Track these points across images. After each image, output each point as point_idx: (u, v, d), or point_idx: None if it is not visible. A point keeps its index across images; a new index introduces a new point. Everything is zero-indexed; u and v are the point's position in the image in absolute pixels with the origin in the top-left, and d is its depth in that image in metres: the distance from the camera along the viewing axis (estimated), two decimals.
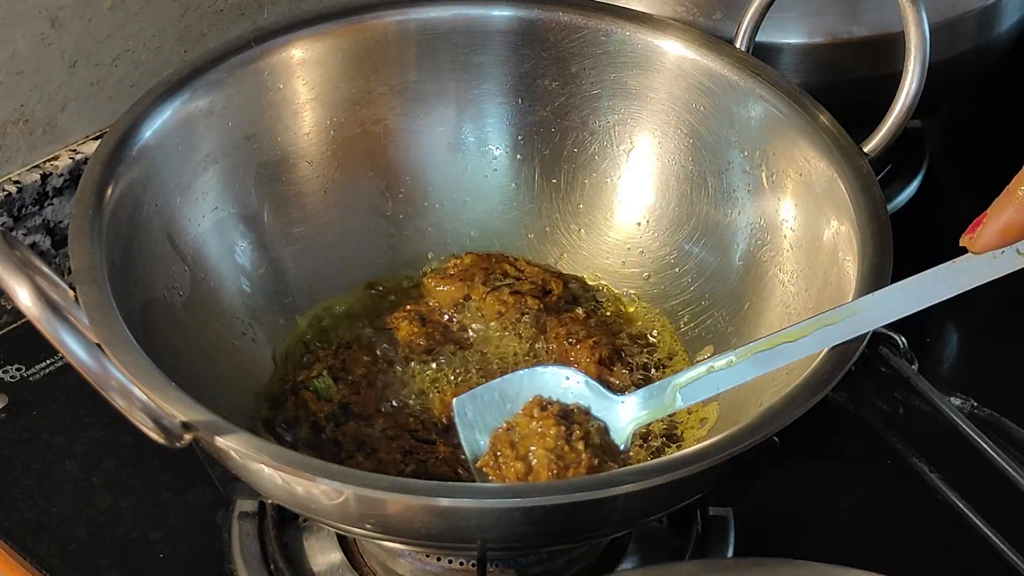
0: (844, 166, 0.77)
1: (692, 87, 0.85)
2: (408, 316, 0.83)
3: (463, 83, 0.88)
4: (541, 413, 0.70)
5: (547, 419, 0.69)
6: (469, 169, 0.89)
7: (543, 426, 0.69)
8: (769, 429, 0.64)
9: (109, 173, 0.74)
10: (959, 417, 0.77)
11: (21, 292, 0.60)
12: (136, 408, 0.61)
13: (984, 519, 0.77)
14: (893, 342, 0.80)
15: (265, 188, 0.84)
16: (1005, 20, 0.93)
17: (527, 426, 0.70)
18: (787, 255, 0.80)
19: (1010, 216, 0.66)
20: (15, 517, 0.80)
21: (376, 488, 0.62)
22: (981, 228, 0.67)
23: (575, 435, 0.69)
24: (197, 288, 0.79)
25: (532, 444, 0.69)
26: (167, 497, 0.81)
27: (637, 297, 0.86)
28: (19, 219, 0.91)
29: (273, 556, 0.77)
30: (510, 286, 0.85)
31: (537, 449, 0.68)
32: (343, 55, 0.85)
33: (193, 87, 0.80)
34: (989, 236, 0.67)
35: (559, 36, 0.87)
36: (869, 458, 0.84)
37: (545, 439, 0.69)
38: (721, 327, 0.83)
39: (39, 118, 0.91)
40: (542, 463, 0.67)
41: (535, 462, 0.68)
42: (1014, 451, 0.77)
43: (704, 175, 0.85)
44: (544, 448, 0.68)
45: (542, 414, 0.70)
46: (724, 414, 0.78)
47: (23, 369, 0.87)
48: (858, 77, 0.89)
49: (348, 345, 0.82)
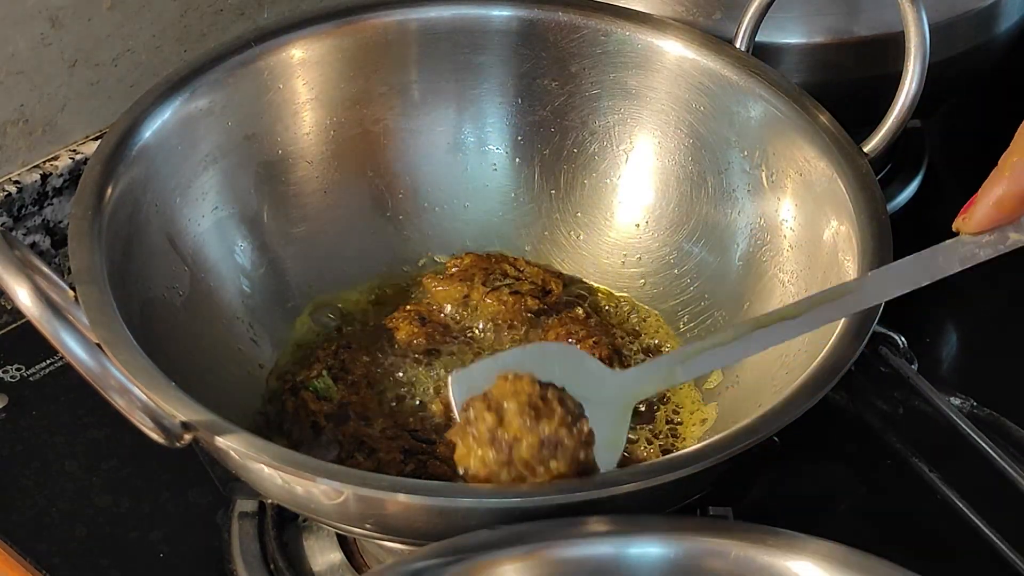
0: (844, 166, 0.77)
1: (692, 87, 0.85)
2: (408, 316, 0.83)
3: (463, 83, 0.88)
4: (516, 376, 0.68)
5: (521, 379, 0.68)
6: (469, 169, 0.89)
7: (517, 385, 0.67)
8: (769, 429, 0.64)
9: (109, 173, 0.74)
10: (959, 417, 0.77)
11: (21, 292, 0.60)
12: (136, 408, 0.61)
13: (984, 519, 0.77)
14: (893, 342, 0.80)
15: (265, 188, 0.84)
16: (1004, 20, 0.93)
17: (502, 387, 0.68)
18: (787, 255, 0.80)
19: (1002, 189, 0.65)
20: (15, 517, 0.80)
21: (376, 488, 0.62)
22: (973, 207, 0.67)
23: (550, 393, 0.67)
24: (197, 288, 0.79)
25: (505, 400, 0.67)
26: (167, 497, 0.81)
27: (637, 297, 0.86)
28: (19, 219, 0.91)
29: (273, 556, 0.77)
30: (510, 286, 0.85)
31: (510, 403, 0.67)
32: (343, 55, 0.85)
33: (193, 87, 0.80)
34: (983, 212, 0.66)
35: (559, 36, 0.87)
36: (869, 458, 0.84)
37: (519, 395, 0.67)
38: (721, 327, 0.82)
39: (39, 118, 0.91)
40: (513, 413, 0.66)
41: (507, 414, 0.66)
42: (1014, 451, 0.77)
43: (704, 175, 0.85)
44: (517, 401, 0.66)
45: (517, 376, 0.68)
46: (724, 414, 0.78)
47: (23, 369, 0.87)
48: (858, 77, 0.89)
49: (348, 345, 0.82)
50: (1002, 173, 0.65)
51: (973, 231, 0.67)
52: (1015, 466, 0.74)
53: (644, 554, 0.62)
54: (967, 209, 0.67)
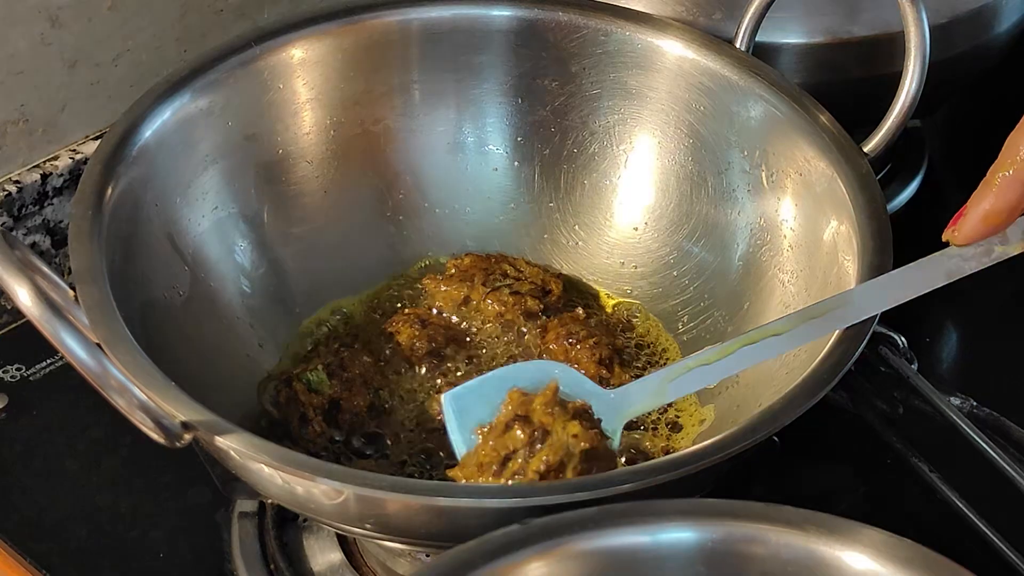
0: (844, 166, 0.77)
1: (692, 87, 0.85)
2: (408, 319, 0.83)
3: (463, 83, 0.88)
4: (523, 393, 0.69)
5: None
6: (469, 169, 0.89)
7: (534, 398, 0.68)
8: (769, 429, 0.64)
9: (109, 173, 0.74)
10: (959, 417, 0.77)
11: (21, 292, 0.60)
12: (136, 408, 0.61)
13: (984, 519, 0.77)
14: (893, 342, 0.80)
15: (265, 188, 0.84)
16: (1004, 20, 0.93)
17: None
18: (787, 255, 0.80)
19: (990, 203, 0.66)
20: (15, 517, 0.80)
21: (376, 488, 0.62)
22: (962, 220, 0.67)
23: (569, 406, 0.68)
24: (197, 288, 0.79)
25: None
26: (167, 497, 0.81)
27: (637, 297, 0.86)
28: (19, 219, 0.91)
29: (273, 556, 0.77)
30: (510, 287, 0.85)
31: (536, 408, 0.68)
32: (343, 55, 0.85)
33: (193, 87, 0.80)
34: (971, 226, 0.67)
35: (559, 36, 0.87)
36: (869, 458, 0.84)
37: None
38: (721, 327, 0.83)
39: (39, 118, 0.91)
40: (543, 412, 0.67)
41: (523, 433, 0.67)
42: (1014, 451, 0.77)
43: (704, 175, 0.85)
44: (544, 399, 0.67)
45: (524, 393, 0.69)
46: (724, 414, 0.78)
47: (23, 369, 0.87)
48: (858, 77, 0.89)
49: (350, 345, 0.82)
50: (989, 187, 0.66)
51: (962, 243, 0.68)
52: (1015, 466, 0.74)
53: (679, 539, 0.60)
54: (956, 221, 0.68)
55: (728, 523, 0.60)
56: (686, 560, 0.60)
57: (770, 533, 0.59)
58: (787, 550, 0.59)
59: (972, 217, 0.67)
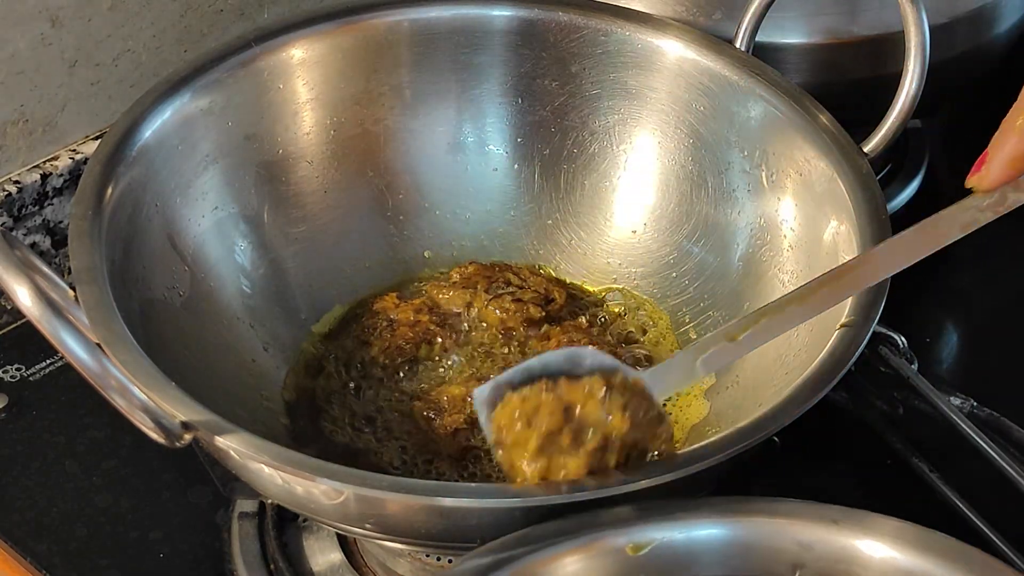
0: (844, 166, 0.77)
1: (692, 87, 0.85)
2: (409, 322, 0.83)
3: (463, 83, 0.88)
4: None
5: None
6: (469, 169, 0.89)
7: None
8: (769, 429, 0.64)
9: (109, 173, 0.74)
10: (959, 417, 0.77)
11: (21, 292, 0.60)
12: (136, 408, 0.61)
13: (984, 519, 0.77)
14: (893, 342, 0.80)
15: (265, 188, 0.84)
16: (1004, 20, 0.93)
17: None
18: (787, 255, 0.80)
19: (1014, 146, 0.65)
20: (15, 517, 0.80)
21: (376, 488, 0.62)
22: (987, 165, 0.66)
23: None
24: (197, 288, 0.79)
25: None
26: (167, 497, 0.81)
27: (637, 297, 0.86)
28: (19, 219, 0.91)
29: (273, 556, 0.77)
30: (512, 294, 0.84)
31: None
32: (343, 55, 0.85)
33: (193, 87, 0.80)
34: (998, 169, 0.66)
35: (559, 36, 0.87)
36: (869, 458, 0.83)
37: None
38: (720, 327, 0.82)
39: (39, 118, 0.91)
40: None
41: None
42: (1014, 451, 0.77)
43: (704, 175, 0.85)
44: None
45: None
46: (723, 414, 0.78)
47: (23, 369, 0.87)
48: (858, 77, 0.89)
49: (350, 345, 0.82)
50: (1012, 130, 0.65)
51: (988, 188, 0.67)
52: (1015, 466, 0.74)
53: (712, 536, 0.62)
54: (979, 167, 0.67)
55: (759, 519, 0.62)
56: (719, 555, 0.62)
57: (799, 528, 0.61)
58: (812, 543, 0.61)
59: (998, 161, 0.66)
